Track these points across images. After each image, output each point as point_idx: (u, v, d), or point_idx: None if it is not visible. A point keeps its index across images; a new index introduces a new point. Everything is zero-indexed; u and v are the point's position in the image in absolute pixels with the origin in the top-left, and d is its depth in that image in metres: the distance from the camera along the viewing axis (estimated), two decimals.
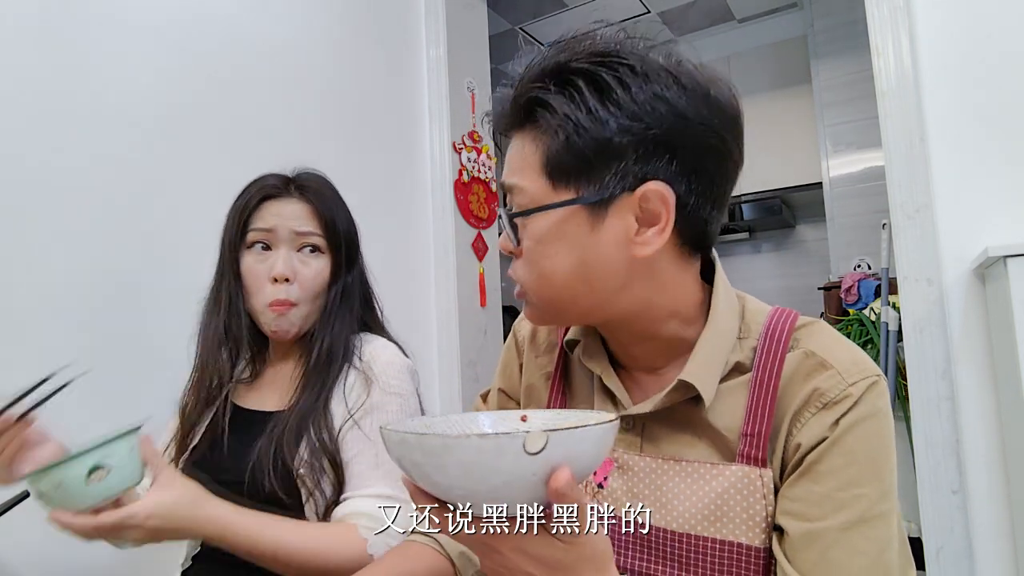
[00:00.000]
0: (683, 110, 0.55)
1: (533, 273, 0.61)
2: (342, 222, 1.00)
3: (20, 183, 1.14)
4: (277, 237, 0.95)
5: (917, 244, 1.38)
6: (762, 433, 0.58)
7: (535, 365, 0.76)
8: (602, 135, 0.55)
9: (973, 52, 1.35)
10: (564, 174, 0.57)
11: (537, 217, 0.59)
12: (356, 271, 1.02)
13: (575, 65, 0.56)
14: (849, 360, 0.58)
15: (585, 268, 0.58)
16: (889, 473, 0.56)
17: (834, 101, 3.11)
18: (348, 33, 1.90)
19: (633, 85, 0.55)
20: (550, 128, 0.56)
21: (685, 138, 0.56)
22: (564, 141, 0.56)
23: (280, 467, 0.86)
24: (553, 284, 0.60)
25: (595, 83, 0.55)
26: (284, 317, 0.94)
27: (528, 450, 0.40)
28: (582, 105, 0.55)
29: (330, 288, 0.98)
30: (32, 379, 0.85)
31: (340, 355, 0.95)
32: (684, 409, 0.62)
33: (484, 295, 2.25)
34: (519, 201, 0.60)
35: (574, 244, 0.58)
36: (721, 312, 0.63)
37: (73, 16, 1.23)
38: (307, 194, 0.98)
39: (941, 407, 1.35)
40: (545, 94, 0.56)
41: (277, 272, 0.93)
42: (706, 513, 0.58)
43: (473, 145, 2.27)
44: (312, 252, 0.96)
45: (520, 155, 0.60)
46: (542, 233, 0.59)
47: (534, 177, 0.58)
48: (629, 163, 0.56)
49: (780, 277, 3.60)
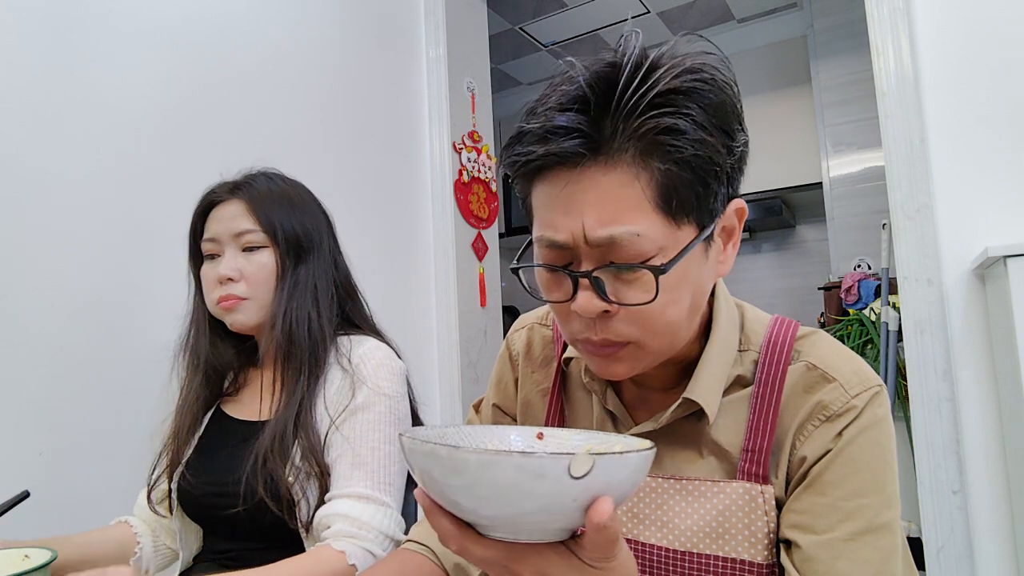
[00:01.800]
0: (743, 124, 0.55)
1: (652, 326, 0.53)
2: (282, 216, 0.97)
3: (20, 184, 1.14)
4: (221, 242, 0.96)
5: (917, 244, 1.38)
6: (763, 449, 0.58)
7: (531, 381, 0.75)
8: (717, 157, 0.51)
9: (973, 52, 1.35)
10: (684, 206, 0.50)
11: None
12: (314, 264, 0.99)
13: (678, 83, 0.50)
14: (851, 371, 0.58)
15: (695, 301, 0.55)
16: (891, 482, 0.57)
17: (834, 101, 3.11)
18: (348, 33, 1.90)
19: (720, 102, 0.51)
20: (672, 156, 0.49)
21: (747, 151, 0.55)
22: (690, 168, 0.50)
23: (271, 477, 0.86)
24: (674, 329, 0.54)
25: (700, 104, 0.50)
26: (235, 311, 0.94)
27: (572, 474, 0.36)
28: (702, 127, 0.50)
29: (280, 280, 0.96)
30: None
31: (307, 347, 0.94)
32: (686, 426, 0.62)
33: (484, 295, 2.25)
34: (640, 249, 0.50)
35: (692, 281, 0.53)
36: (723, 326, 0.62)
37: (73, 17, 1.23)
38: (240, 193, 0.97)
39: (941, 407, 1.35)
40: (670, 117, 0.49)
41: (220, 274, 0.94)
42: (707, 531, 0.58)
43: (473, 145, 2.27)
44: (256, 250, 0.96)
45: (617, 195, 0.49)
46: (672, 282, 0.51)
47: (649, 218, 0.50)
48: (726, 184, 0.53)
49: (780, 277, 3.60)
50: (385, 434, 0.91)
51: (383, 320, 1.09)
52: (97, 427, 1.20)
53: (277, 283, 0.96)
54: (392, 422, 0.92)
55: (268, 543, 0.90)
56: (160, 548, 0.99)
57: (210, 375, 1.00)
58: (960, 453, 1.33)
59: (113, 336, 1.24)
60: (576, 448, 0.51)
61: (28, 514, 0.83)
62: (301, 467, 0.88)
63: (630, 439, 0.49)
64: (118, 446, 1.21)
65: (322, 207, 1.05)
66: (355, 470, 0.88)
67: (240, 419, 0.99)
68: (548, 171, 0.52)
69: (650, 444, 0.43)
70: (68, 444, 1.16)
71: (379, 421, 0.91)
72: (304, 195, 1.03)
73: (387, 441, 0.91)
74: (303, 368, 0.93)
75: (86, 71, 1.25)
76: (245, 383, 1.03)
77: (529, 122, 0.52)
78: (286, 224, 0.97)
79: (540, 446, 0.52)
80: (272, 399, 0.95)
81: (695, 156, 0.49)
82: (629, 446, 0.47)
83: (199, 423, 0.99)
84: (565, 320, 0.56)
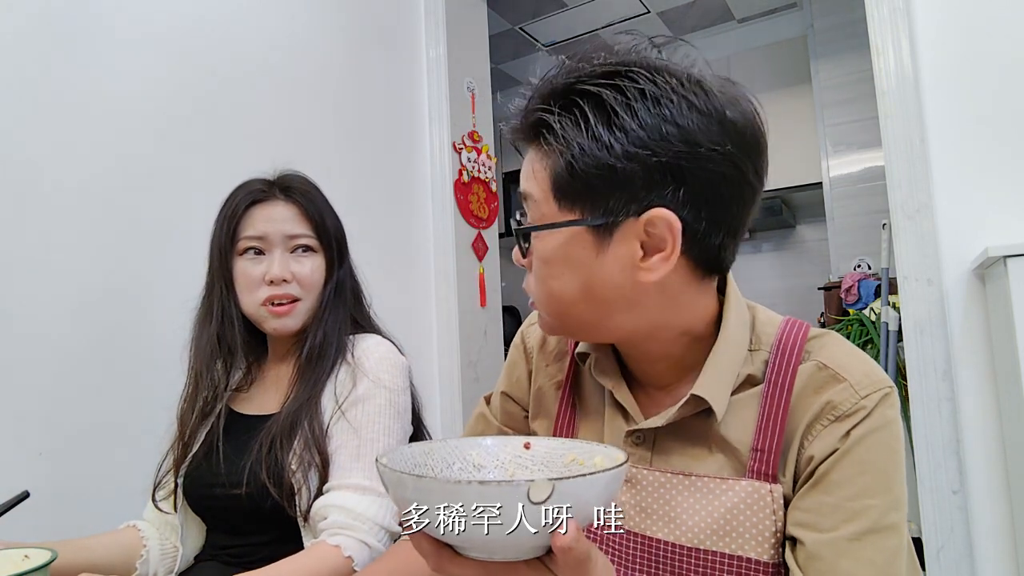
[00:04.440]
0: (694, 136, 0.53)
1: (541, 291, 0.61)
2: (330, 221, 1.01)
3: (21, 185, 1.14)
4: (270, 241, 0.96)
5: (917, 244, 1.38)
6: (772, 448, 0.58)
7: (545, 373, 0.76)
8: (606, 161, 0.53)
9: (973, 52, 1.35)
10: (568, 196, 0.56)
11: (543, 235, 0.58)
12: (346, 267, 1.03)
13: (582, 87, 0.55)
14: (861, 372, 0.58)
15: (590, 290, 0.58)
16: (899, 484, 0.57)
17: (834, 101, 3.11)
18: (348, 33, 1.90)
19: (641, 109, 0.53)
20: (553, 151, 0.56)
21: (695, 165, 0.53)
22: (569, 164, 0.55)
23: (275, 463, 0.88)
24: (560, 302, 0.60)
25: (601, 107, 0.54)
26: (287, 316, 0.96)
27: (532, 499, 0.38)
28: (586, 130, 0.54)
29: (325, 285, 1.00)
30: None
31: (332, 351, 0.96)
32: (696, 422, 0.62)
33: (484, 295, 2.25)
34: (532, 214, 0.60)
35: (578, 266, 0.58)
36: (732, 325, 0.62)
37: (74, 19, 1.23)
38: (294, 196, 0.99)
39: (941, 407, 1.35)
40: (549, 116, 0.55)
41: (274, 275, 0.94)
42: (715, 528, 0.58)
43: (473, 145, 2.27)
44: (305, 252, 0.98)
45: (529, 169, 0.60)
46: (548, 252, 0.59)
47: (543, 193, 0.58)
48: (635, 189, 0.54)
49: (780, 277, 3.60)
50: (385, 426, 0.92)
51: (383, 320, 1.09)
52: (97, 427, 1.20)
53: (324, 288, 0.99)
54: (392, 414, 0.93)
55: (268, 536, 0.91)
56: (168, 550, 0.99)
57: (221, 370, 1.00)
58: (960, 453, 1.33)
59: (113, 336, 1.24)
60: (561, 457, 0.52)
61: (28, 514, 0.82)
62: (303, 456, 0.88)
63: (611, 450, 0.48)
64: (118, 446, 1.21)
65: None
66: (354, 461, 0.89)
67: (249, 414, 0.99)
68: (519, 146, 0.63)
69: (621, 460, 0.44)
70: (68, 444, 1.16)
71: (379, 413, 0.92)
72: (327, 199, 1.05)
73: (386, 433, 0.92)
74: (323, 367, 0.95)
75: (88, 73, 1.25)
76: (255, 379, 1.04)
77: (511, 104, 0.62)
78: (332, 229, 1.01)
79: (527, 455, 0.53)
80: (283, 394, 0.97)
81: (568, 154, 0.55)
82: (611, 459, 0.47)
83: (207, 420, 0.99)
84: None
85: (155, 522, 0.99)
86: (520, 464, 0.53)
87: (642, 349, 0.64)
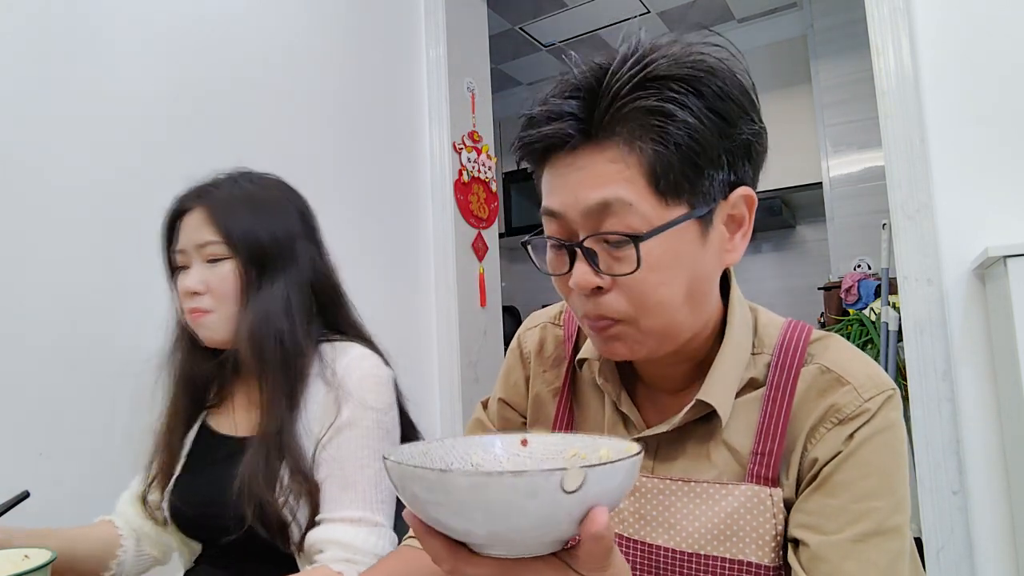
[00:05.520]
0: (752, 114, 0.56)
1: (643, 303, 0.55)
2: (244, 223, 0.91)
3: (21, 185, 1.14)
4: (188, 254, 0.92)
5: (917, 244, 1.38)
6: (773, 452, 0.58)
7: (542, 379, 0.75)
8: (709, 141, 0.53)
9: (973, 52, 1.35)
10: (675, 187, 0.53)
11: (650, 241, 0.52)
12: (287, 272, 0.93)
13: (673, 71, 0.52)
14: (865, 375, 0.58)
15: (693, 287, 0.56)
16: (902, 486, 0.57)
17: (834, 101, 3.11)
18: (348, 33, 1.90)
19: (720, 90, 0.53)
20: (659, 137, 0.52)
21: (757, 140, 0.56)
22: (677, 149, 0.52)
23: (259, 503, 0.84)
24: (666, 312, 0.55)
25: (696, 89, 0.53)
26: (202, 326, 0.91)
27: (565, 488, 0.36)
28: (691, 111, 0.52)
29: (246, 293, 0.90)
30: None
31: (283, 366, 0.89)
32: (698, 427, 0.62)
33: (484, 295, 2.25)
34: (628, 222, 0.52)
35: (686, 264, 0.55)
36: (737, 328, 0.62)
37: (74, 20, 1.23)
38: (204, 200, 0.92)
39: (941, 407, 1.35)
40: (656, 100, 0.52)
41: (183, 287, 0.91)
42: (715, 533, 0.58)
43: (473, 145, 2.27)
44: (217, 262, 0.91)
45: (610, 171, 0.53)
46: (657, 257, 0.53)
47: (640, 193, 0.52)
48: (725, 169, 0.55)
49: (780, 277, 3.60)
50: (373, 450, 0.88)
51: (383, 321, 1.08)
52: (97, 427, 1.20)
53: (241, 296, 0.90)
54: (380, 436, 0.90)
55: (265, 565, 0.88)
56: (142, 554, 0.98)
57: (189, 388, 0.97)
58: (960, 453, 1.33)
59: (114, 336, 1.24)
60: (561, 452, 0.51)
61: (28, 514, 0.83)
62: (290, 487, 0.85)
63: (614, 441, 0.48)
64: (118, 446, 1.21)
65: (298, 206, 0.99)
66: (345, 491, 0.86)
67: (225, 434, 0.96)
68: (550, 154, 0.56)
69: (638, 448, 0.43)
70: (68, 444, 1.16)
71: (367, 437, 0.88)
72: (274, 195, 0.97)
73: (376, 457, 0.88)
74: (279, 384, 0.89)
75: (87, 73, 1.25)
76: (228, 396, 1.00)
77: (534, 109, 0.56)
78: (249, 232, 0.91)
79: (525, 452, 0.52)
80: (254, 414, 0.92)
81: (683, 138, 0.52)
82: (616, 450, 0.46)
83: (184, 438, 0.97)
84: (568, 297, 0.59)
85: (131, 524, 0.98)
86: (519, 462, 0.52)
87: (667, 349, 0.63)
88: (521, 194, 4.02)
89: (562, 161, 0.55)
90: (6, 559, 0.65)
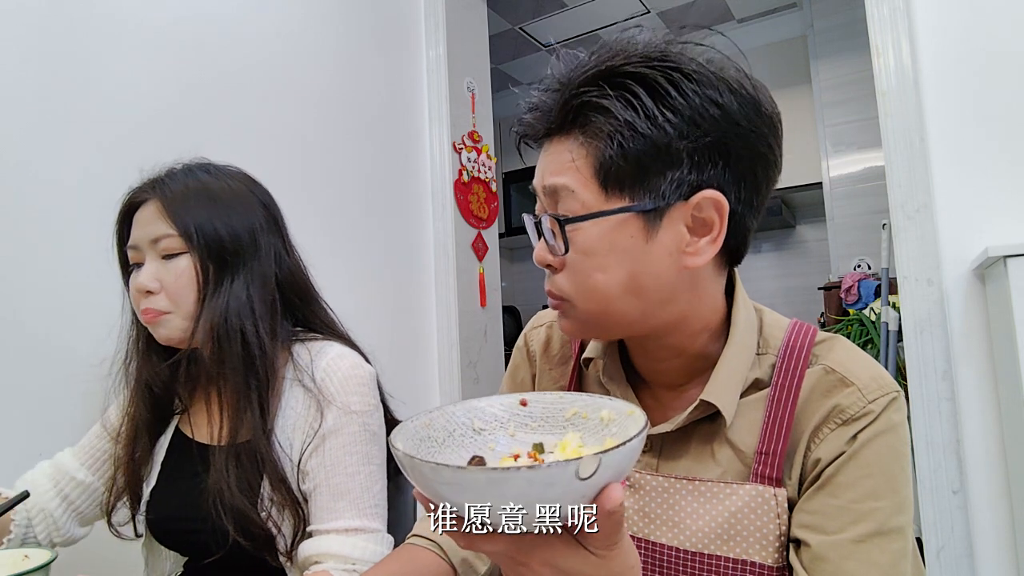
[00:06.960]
0: (736, 116, 0.55)
1: (580, 286, 0.58)
2: (201, 215, 0.85)
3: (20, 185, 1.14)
4: (141, 250, 0.86)
5: (917, 244, 1.38)
6: (777, 452, 0.58)
7: (549, 377, 0.75)
8: (660, 140, 0.53)
9: (973, 52, 1.35)
10: (618, 181, 0.55)
11: (587, 226, 0.56)
12: (248, 268, 0.87)
13: (630, 69, 0.54)
14: (869, 376, 0.59)
15: (636, 280, 0.57)
16: (905, 487, 0.57)
17: (834, 101, 3.11)
18: (348, 34, 1.90)
19: (688, 90, 0.54)
20: (603, 133, 0.54)
21: (739, 144, 0.55)
22: (620, 146, 0.54)
23: (238, 516, 0.81)
24: (602, 297, 0.57)
25: (651, 88, 0.54)
26: (158, 326, 0.85)
27: (580, 476, 0.37)
28: (640, 110, 0.53)
29: (200, 291, 0.85)
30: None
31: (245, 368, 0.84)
32: (703, 426, 0.62)
33: (484, 295, 2.25)
34: (569, 207, 0.56)
35: (626, 255, 0.56)
36: (742, 328, 0.62)
37: (74, 19, 1.23)
38: (158, 192, 0.86)
39: (941, 407, 1.35)
40: (601, 98, 0.54)
41: (137, 285, 0.85)
42: (719, 532, 0.58)
43: (473, 145, 2.27)
44: (172, 257, 0.85)
45: (565, 159, 0.57)
46: (592, 243, 0.56)
47: (584, 183, 0.56)
48: (685, 170, 0.54)
49: (780, 277, 3.60)
50: (362, 455, 0.85)
51: (383, 321, 1.08)
52: None
53: (199, 293, 0.84)
54: (367, 439, 0.87)
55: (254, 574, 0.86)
56: (58, 518, 0.92)
57: (148, 394, 0.91)
58: (960, 453, 1.33)
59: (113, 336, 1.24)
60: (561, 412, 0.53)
61: None
62: (273, 498, 0.82)
63: (616, 402, 0.49)
64: None
65: (262, 198, 0.93)
66: (336, 501, 0.83)
67: (199, 441, 0.91)
68: (530, 139, 0.62)
69: (642, 417, 0.44)
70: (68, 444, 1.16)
71: (353, 443, 0.85)
72: (234, 187, 0.90)
73: (365, 462, 0.85)
74: (243, 388, 0.84)
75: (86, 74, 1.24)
76: (197, 400, 0.94)
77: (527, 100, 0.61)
78: (206, 224, 0.85)
79: (525, 412, 0.54)
80: (226, 419, 0.87)
81: (624, 135, 0.53)
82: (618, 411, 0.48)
83: (153, 447, 0.92)
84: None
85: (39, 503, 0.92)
86: (520, 422, 0.53)
87: (663, 343, 0.63)
88: (521, 194, 4.02)
89: (542, 146, 0.61)
90: (6, 559, 0.65)
